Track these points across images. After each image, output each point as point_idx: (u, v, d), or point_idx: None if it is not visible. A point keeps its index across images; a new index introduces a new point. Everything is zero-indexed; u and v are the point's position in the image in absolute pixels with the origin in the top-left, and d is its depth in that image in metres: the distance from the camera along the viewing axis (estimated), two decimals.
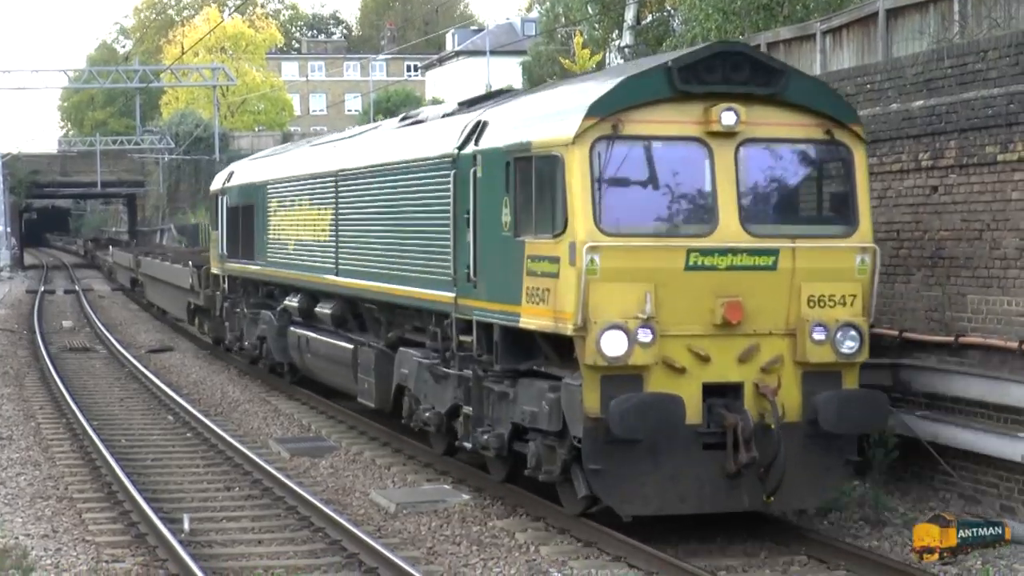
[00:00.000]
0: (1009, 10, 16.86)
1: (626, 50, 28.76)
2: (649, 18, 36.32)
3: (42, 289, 54.54)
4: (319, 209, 19.65)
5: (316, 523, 13.38)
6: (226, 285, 26.71)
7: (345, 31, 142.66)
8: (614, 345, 11.64)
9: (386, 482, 15.79)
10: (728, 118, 12.03)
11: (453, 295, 14.22)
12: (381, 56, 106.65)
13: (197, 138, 79.15)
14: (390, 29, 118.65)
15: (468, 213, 13.78)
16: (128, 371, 27.32)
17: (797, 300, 12.17)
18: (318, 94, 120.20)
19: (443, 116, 16.37)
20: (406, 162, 16.03)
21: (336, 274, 18.68)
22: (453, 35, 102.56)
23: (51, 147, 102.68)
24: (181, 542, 12.34)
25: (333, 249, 18.85)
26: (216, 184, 27.82)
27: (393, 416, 17.43)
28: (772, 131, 12.39)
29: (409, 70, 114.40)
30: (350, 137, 20.38)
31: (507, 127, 13.47)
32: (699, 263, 11.99)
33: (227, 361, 28.56)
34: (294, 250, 21.09)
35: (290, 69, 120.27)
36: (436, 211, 14.85)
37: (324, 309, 19.65)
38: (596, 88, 12.36)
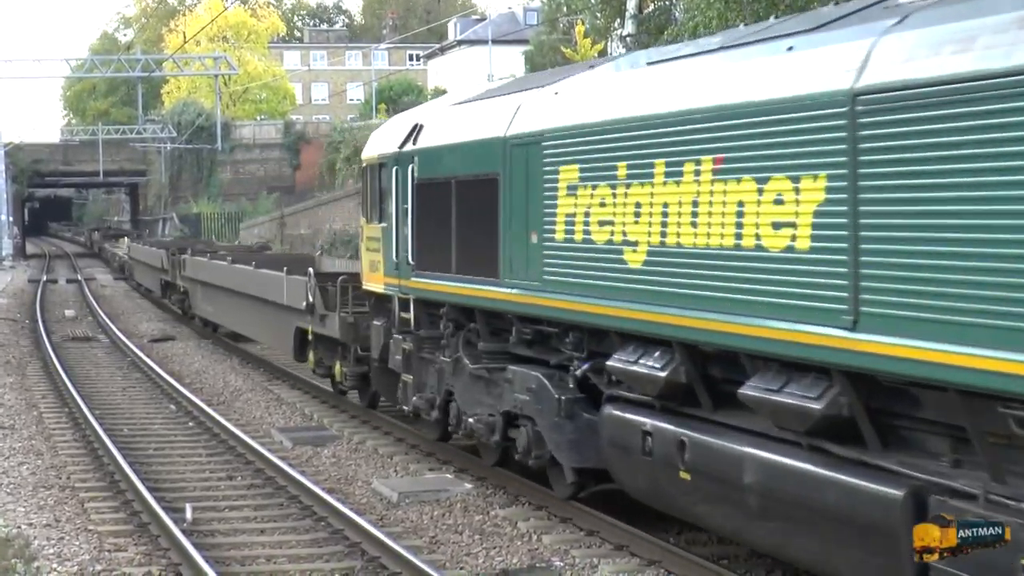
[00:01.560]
0: None
1: (628, 39, 28.67)
2: (651, 7, 36.29)
3: (44, 278, 54.57)
4: (765, 183, 9.38)
5: (318, 512, 13.39)
6: (411, 314, 16.04)
7: (347, 20, 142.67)
8: None
9: (388, 471, 15.80)
10: None
11: None
12: (383, 45, 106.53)
13: (199, 127, 79.25)
14: (392, 18, 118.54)
15: None
16: (130, 360, 27.32)
17: None
18: (320, 83, 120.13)
19: None
20: None
21: (853, 327, 8.53)
22: (455, 24, 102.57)
23: (53, 136, 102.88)
24: (183, 532, 12.35)
25: (845, 268, 8.62)
26: (382, 144, 16.99)
27: None
28: None
29: (411, 59, 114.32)
30: (854, 13, 9.60)
31: None
32: None
33: (229, 350, 28.53)
34: (643, 268, 10.90)
35: (292, 58, 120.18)
36: None
37: (803, 402, 9.17)
38: None
